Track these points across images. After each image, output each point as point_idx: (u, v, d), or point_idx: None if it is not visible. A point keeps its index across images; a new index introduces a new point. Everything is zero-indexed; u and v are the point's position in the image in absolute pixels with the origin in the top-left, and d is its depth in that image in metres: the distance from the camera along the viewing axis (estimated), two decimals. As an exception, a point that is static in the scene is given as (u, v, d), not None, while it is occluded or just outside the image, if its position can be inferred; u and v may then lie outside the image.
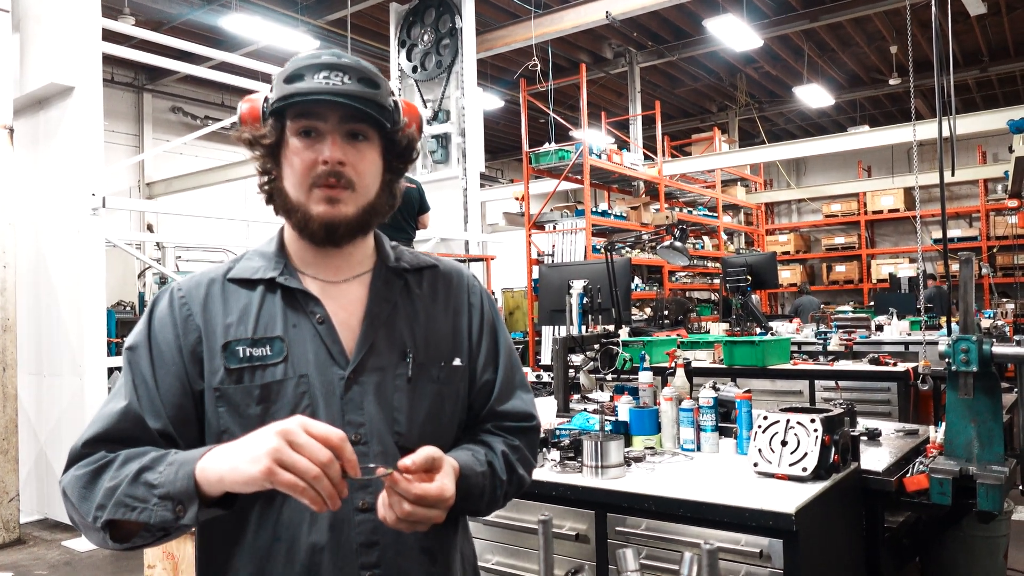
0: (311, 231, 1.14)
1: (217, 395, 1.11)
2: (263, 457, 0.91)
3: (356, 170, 1.13)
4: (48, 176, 5.39)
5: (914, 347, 5.89)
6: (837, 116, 16.10)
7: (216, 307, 1.15)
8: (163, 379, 1.12)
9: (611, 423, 2.63)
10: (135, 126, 12.45)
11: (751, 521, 1.87)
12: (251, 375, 1.12)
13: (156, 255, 11.28)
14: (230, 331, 1.13)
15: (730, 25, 9.33)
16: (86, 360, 5.09)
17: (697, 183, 12.97)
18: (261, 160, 1.16)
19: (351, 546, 1.10)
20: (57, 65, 5.15)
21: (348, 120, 1.12)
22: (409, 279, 1.24)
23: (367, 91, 1.11)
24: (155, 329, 1.15)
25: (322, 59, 1.12)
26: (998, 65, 12.81)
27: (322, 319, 1.15)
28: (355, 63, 1.13)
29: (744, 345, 4.85)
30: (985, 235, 13.40)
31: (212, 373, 1.12)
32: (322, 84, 1.09)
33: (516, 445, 1.25)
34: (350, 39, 7.80)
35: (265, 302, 1.16)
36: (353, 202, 1.14)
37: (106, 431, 1.09)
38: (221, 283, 1.18)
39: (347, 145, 1.12)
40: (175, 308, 1.16)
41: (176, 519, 0.98)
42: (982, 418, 2.33)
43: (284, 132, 1.14)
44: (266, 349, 1.12)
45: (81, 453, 1.08)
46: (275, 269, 1.18)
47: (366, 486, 1.10)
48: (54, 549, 4.89)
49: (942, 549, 2.73)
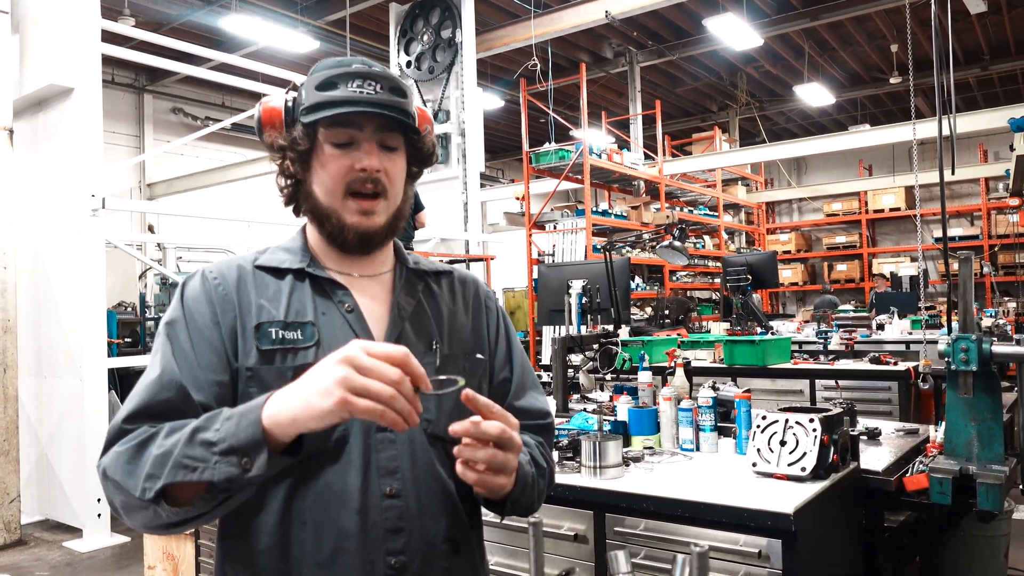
0: (344, 239, 1.17)
1: (249, 375, 1.11)
2: (334, 388, 0.89)
3: (389, 177, 1.17)
4: (48, 177, 5.39)
5: (915, 346, 5.89)
6: (838, 115, 16.08)
7: (249, 288, 1.16)
8: (202, 354, 1.10)
9: (610, 423, 2.62)
10: (136, 127, 12.46)
11: (750, 521, 1.86)
12: (283, 357, 1.12)
13: (157, 256, 11.29)
14: (263, 313, 1.14)
15: (730, 24, 9.32)
16: (86, 361, 5.09)
17: (697, 182, 12.96)
18: (288, 164, 1.18)
19: (378, 532, 1.10)
20: (56, 66, 5.15)
21: (382, 129, 1.15)
22: (429, 280, 1.28)
23: (399, 100, 1.14)
24: (190, 307, 1.14)
25: (353, 67, 1.14)
26: (999, 63, 12.78)
27: (351, 308, 1.17)
28: (384, 72, 1.15)
29: (744, 344, 4.85)
30: (986, 234, 13.38)
31: (245, 353, 1.12)
32: (357, 93, 1.12)
33: (540, 440, 1.29)
34: (349, 39, 7.81)
35: (295, 290, 1.17)
36: (385, 211, 1.18)
37: (147, 404, 1.05)
38: (251, 269, 1.19)
39: (381, 153, 1.16)
40: (209, 287, 1.16)
41: (243, 472, 0.93)
42: (982, 417, 2.32)
43: (316, 138, 1.15)
44: (298, 333, 1.13)
45: (122, 430, 1.03)
46: (302, 261, 1.20)
47: (393, 472, 1.11)
48: (55, 550, 4.89)
49: (942, 549, 2.72)
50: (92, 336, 5.13)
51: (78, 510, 5.08)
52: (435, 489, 1.15)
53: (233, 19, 8.88)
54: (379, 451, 1.11)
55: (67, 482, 5.19)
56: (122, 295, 10.84)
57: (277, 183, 1.21)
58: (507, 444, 1.02)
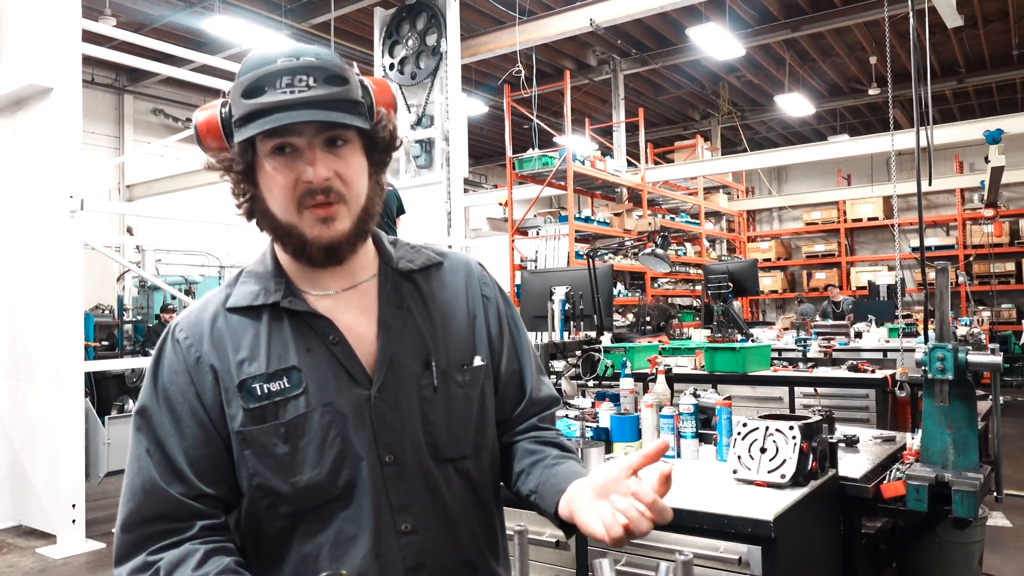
0: (310, 255, 1.06)
1: (240, 439, 1.05)
2: None
3: (344, 180, 1.04)
4: (26, 178, 5.31)
5: (892, 354, 5.96)
6: (818, 125, 16.27)
7: (223, 343, 1.08)
8: (186, 431, 1.05)
9: (592, 430, 2.63)
10: (115, 128, 12.33)
11: (730, 528, 1.88)
12: (273, 412, 1.05)
13: (136, 258, 11.18)
14: (243, 368, 1.06)
15: (713, 34, 9.42)
16: (63, 365, 5.01)
17: (679, 190, 13.06)
18: (235, 183, 1.07)
19: (398, 571, 1.06)
20: (35, 66, 5.09)
21: (325, 129, 1.02)
22: (418, 279, 1.17)
23: (337, 91, 1.01)
24: (164, 381, 1.07)
25: (279, 64, 1.00)
26: (974, 77, 13.02)
27: (336, 339, 1.08)
28: (317, 59, 1.02)
29: (725, 352, 4.88)
30: (962, 244, 13.60)
31: (232, 417, 1.05)
32: (287, 95, 0.98)
33: (558, 431, 1.26)
34: (334, 43, 7.79)
35: (273, 331, 1.08)
36: (347, 215, 1.06)
37: (138, 509, 1.04)
38: (223, 315, 1.10)
39: (328, 155, 1.03)
40: (181, 352, 1.08)
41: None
42: (957, 425, 2.36)
43: (254, 151, 1.04)
44: (283, 382, 1.05)
45: (126, 542, 1.03)
46: (276, 291, 1.10)
47: (406, 507, 1.06)
48: (28, 556, 4.81)
49: (918, 555, 2.76)
50: (69, 339, 5.05)
51: (52, 516, 5.00)
52: (450, 514, 1.11)
53: (216, 20, 8.82)
54: (390, 487, 1.07)
55: (41, 487, 5.10)
56: (100, 298, 10.69)
57: (234, 203, 1.10)
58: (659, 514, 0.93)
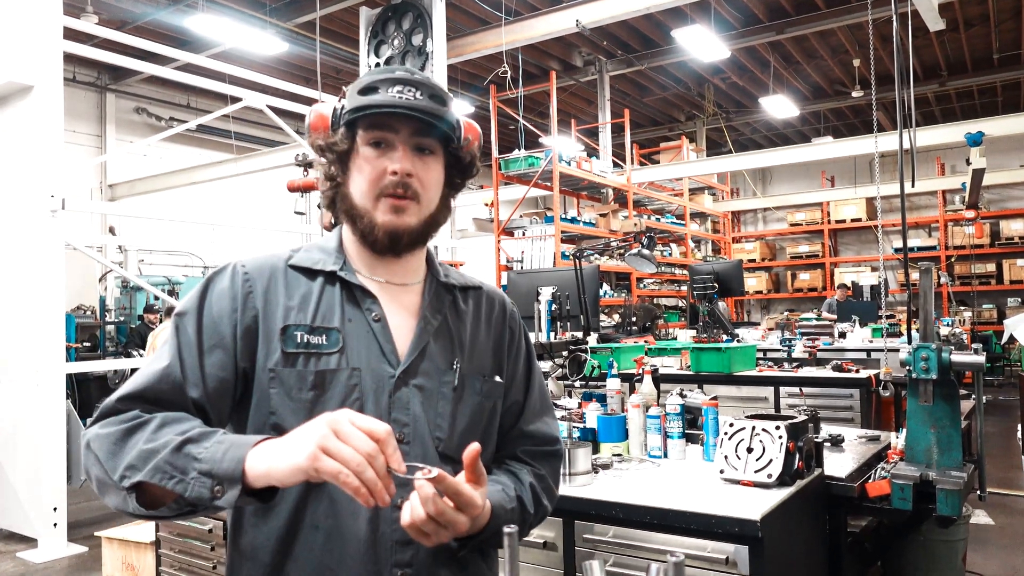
0: (374, 238, 1.18)
1: (271, 376, 1.13)
2: (310, 444, 0.93)
3: (422, 182, 1.18)
4: (6, 177, 5.24)
5: (876, 354, 6.01)
6: (802, 127, 16.38)
7: (278, 290, 1.18)
8: (209, 349, 1.13)
9: (579, 430, 2.63)
10: (97, 126, 12.19)
11: (717, 528, 1.88)
12: (307, 361, 1.14)
13: (118, 258, 11.06)
14: (290, 315, 1.16)
15: (698, 36, 9.45)
16: (43, 366, 4.95)
17: (665, 191, 13.10)
18: (329, 166, 1.21)
19: (387, 543, 1.12)
20: (16, 63, 5.02)
21: (418, 134, 1.17)
22: (457, 295, 1.29)
23: (437, 107, 1.17)
24: (210, 299, 1.16)
25: (396, 74, 1.17)
26: (956, 80, 13.16)
27: (378, 317, 1.19)
28: (426, 80, 1.18)
29: (711, 352, 4.90)
30: (944, 245, 13.74)
31: (268, 355, 1.14)
32: (396, 98, 1.14)
33: (542, 474, 1.29)
34: (319, 42, 7.75)
35: (324, 293, 1.19)
36: (417, 213, 1.18)
37: (143, 389, 1.09)
38: (283, 269, 1.21)
39: (415, 157, 1.17)
40: (236, 283, 1.17)
41: (212, 499, 0.97)
42: (941, 424, 2.37)
43: (355, 141, 1.19)
44: (323, 338, 1.15)
45: (114, 408, 1.07)
46: (335, 263, 1.21)
47: (407, 484, 1.10)
48: (8, 561, 4.74)
49: (903, 553, 2.78)
50: (50, 341, 4.99)
51: (33, 519, 4.93)
52: None
53: (200, 19, 8.74)
54: None
55: (22, 490, 5.03)
56: (81, 298, 10.59)
57: (319, 187, 1.24)
58: (463, 504, 1.03)
